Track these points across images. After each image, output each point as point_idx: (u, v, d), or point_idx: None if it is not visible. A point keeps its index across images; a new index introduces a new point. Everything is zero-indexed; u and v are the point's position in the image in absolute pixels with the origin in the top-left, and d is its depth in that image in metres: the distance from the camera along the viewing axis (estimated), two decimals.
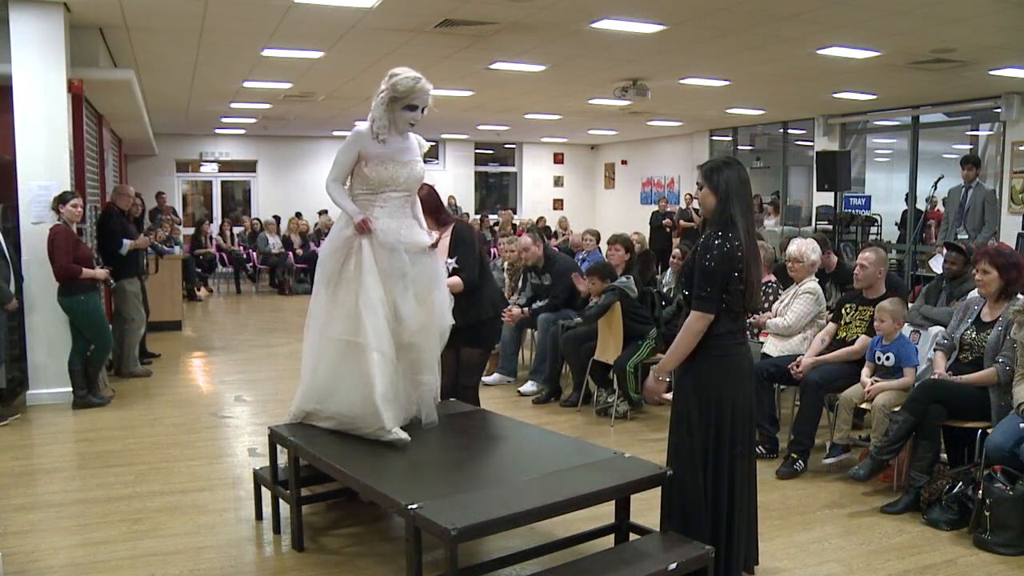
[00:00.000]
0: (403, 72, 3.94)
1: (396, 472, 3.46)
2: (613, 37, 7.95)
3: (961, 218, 9.25)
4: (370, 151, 3.99)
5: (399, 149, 4.04)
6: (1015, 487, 3.93)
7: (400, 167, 4.02)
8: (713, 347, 3.26)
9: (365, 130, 4.04)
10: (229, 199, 19.21)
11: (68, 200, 6.30)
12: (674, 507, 3.35)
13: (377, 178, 3.98)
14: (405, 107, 3.96)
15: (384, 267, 3.92)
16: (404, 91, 3.92)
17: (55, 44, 6.51)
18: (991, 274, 4.53)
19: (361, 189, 4.04)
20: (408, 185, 4.07)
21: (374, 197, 4.01)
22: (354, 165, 4.04)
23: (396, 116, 4.00)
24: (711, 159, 3.41)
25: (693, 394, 3.28)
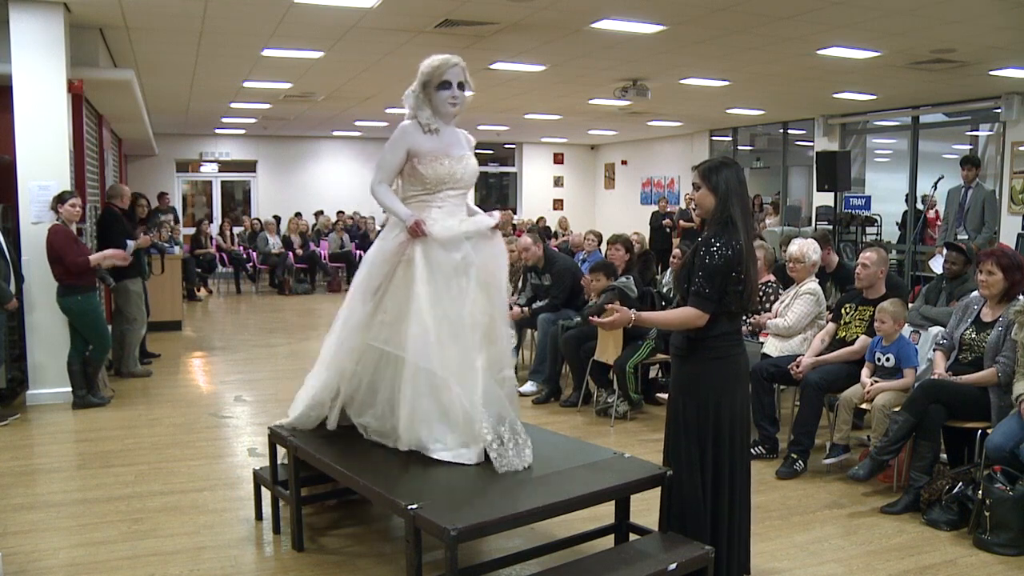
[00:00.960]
0: (433, 58, 3.74)
1: (396, 472, 3.46)
2: (613, 37, 7.96)
3: (961, 219, 9.25)
4: (421, 147, 3.68)
5: (450, 143, 3.75)
6: (1015, 487, 3.94)
7: (456, 162, 3.71)
8: (711, 348, 3.26)
9: (411, 126, 3.73)
10: (229, 199, 19.21)
11: (66, 200, 6.30)
12: (673, 508, 3.35)
13: (434, 176, 3.66)
14: (439, 88, 3.69)
15: (445, 268, 3.58)
16: (431, 71, 3.69)
17: (55, 44, 6.51)
18: (996, 275, 4.53)
19: (416, 190, 3.72)
20: (466, 182, 3.78)
21: (431, 198, 3.70)
22: (403, 165, 3.72)
23: (435, 101, 3.71)
24: (708, 159, 3.40)
25: (691, 396, 3.27)
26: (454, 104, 3.71)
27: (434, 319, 3.48)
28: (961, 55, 8.58)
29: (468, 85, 3.75)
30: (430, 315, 3.48)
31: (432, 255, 3.57)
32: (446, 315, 3.51)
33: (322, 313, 12.72)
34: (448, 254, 3.58)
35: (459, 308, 3.54)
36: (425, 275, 3.53)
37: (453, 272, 3.58)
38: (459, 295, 3.55)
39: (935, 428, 4.44)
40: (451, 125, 3.81)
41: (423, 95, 3.70)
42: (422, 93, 3.70)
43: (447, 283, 3.55)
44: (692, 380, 3.28)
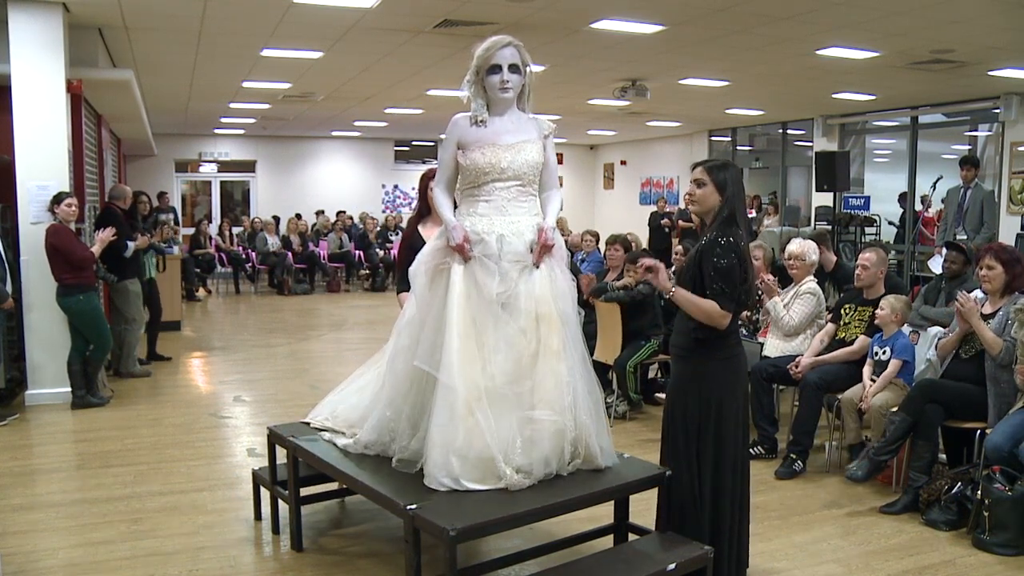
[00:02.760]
0: (481, 44, 3.44)
1: (395, 472, 3.46)
2: (612, 37, 7.96)
3: (960, 219, 9.25)
4: (467, 138, 3.42)
5: (501, 131, 3.41)
6: (1014, 487, 3.94)
7: (502, 151, 3.36)
8: (718, 349, 3.27)
9: (461, 119, 3.49)
10: (228, 199, 19.21)
11: (63, 200, 6.30)
12: (671, 508, 3.35)
13: (474, 167, 3.36)
14: (489, 73, 3.39)
15: (484, 293, 3.29)
16: (480, 57, 3.41)
17: (54, 44, 6.51)
18: (996, 269, 4.53)
19: (465, 183, 3.45)
20: (517, 172, 3.37)
21: (477, 191, 3.39)
22: (455, 161, 3.47)
23: (488, 88, 3.42)
24: (710, 159, 3.42)
25: (692, 395, 3.27)
26: (505, 90, 3.38)
27: (467, 340, 3.22)
28: (960, 55, 8.58)
29: (525, 65, 3.41)
30: (464, 335, 3.22)
31: (476, 274, 3.31)
32: (481, 338, 3.25)
33: (321, 313, 12.72)
34: (490, 279, 3.29)
35: (496, 338, 3.26)
36: (466, 293, 3.27)
37: (494, 301, 3.28)
38: (497, 326, 3.26)
39: (933, 428, 4.44)
40: (518, 111, 3.50)
41: (476, 83, 3.45)
42: (475, 81, 3.46)
43: (486, 310, 3.27)
44: (694, 380, 3.29)
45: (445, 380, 3.18)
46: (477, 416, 3.16)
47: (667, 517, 3.36)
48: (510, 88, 3.39)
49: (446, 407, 3.17)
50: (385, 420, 3.54)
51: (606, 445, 3.43)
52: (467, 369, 3.19)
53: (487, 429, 3.16)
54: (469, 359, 3.20)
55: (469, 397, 3.17)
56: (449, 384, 3.17)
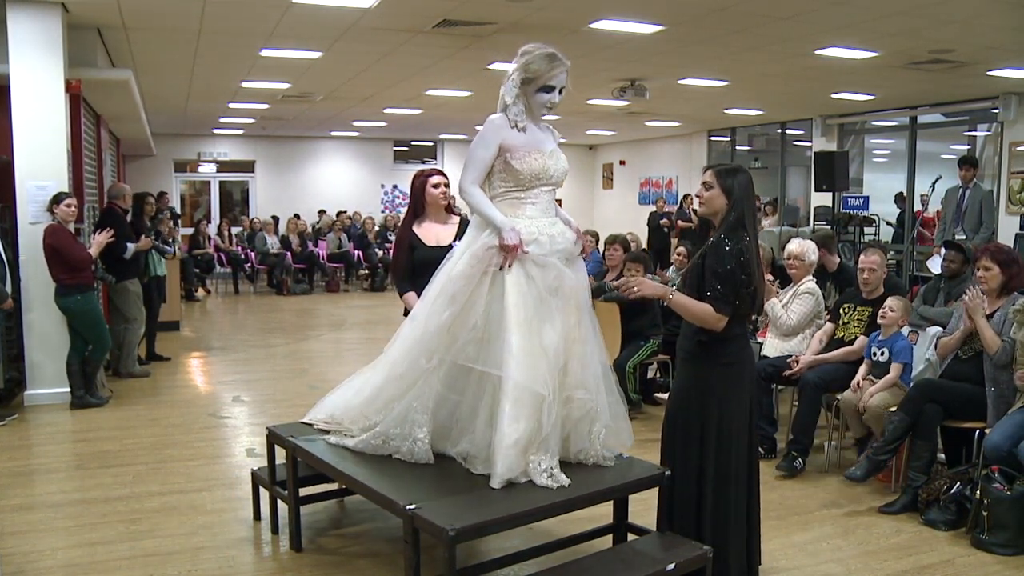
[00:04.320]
0: (535, 49, 3.40)
1: (394, 472, 3.46)
2: (612, 37, 7.96)
3: (959, 219, 9.26)
4: (513, 141, 3.42)
5: (541, 138, 3.49)
6: (1013, 487, 3.94)
7: (548, 158, 3.44)
8: (721, 355, 3.27)
9: (501, 120, 3.45)
10: (227, 199, 19.20)
11: (62, 200, 6.30)
12: (674, 509, 3.34)
13: (529, 171, 3.40)
14: (540, 89, 3.40)
15: (539, 284, 3.33)
16: (537, 71, 3.37)
17: (53, 44, 6.51)
18: (993, 270, 4.54)
19: (508, 186, 3.45)
20: (558, 179, 3.50)
21: (524, 194, 3.43)
22: (493, 161, 3.46)
23: (531, 100, 3.43)
24: (721, 163, 3.43)
25: (697, 399, 3.27)
26: (549, 110, 3.48)
27: (527, 337, 3.24)
28: (959, 55, 8.59)
29: (566, 88, 3.47)
30: (524, 333, 3.24)
31: (527, 270, 3.32)
32: (538, 334, 3.28)
33: (320, 313, 12.72)
34: (543, 271, 3.35)
35: (547, 331, 3.31)
36: (521, 290, 3.29)
37: (545, 297, 3.34)
38: (550, 314, 3.33)
39: (932, 428, 4.44)
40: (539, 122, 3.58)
41: (520, 91, 3.42)
42: (520, 89, 3.42)
43: (538, 308, 3.31)
44: (697, 384, 3.29)
45: (517, 379, 3.19)
46: (544, 411, 3.22)
47: (668, 518, 3.36)
48: (552, 109, 3.48)
49: (518, 405, 3.19)
50: (411, 411, 3.52)
51: (626, 425, 3.58)
52: (534, 366, 3.22)
53: (551, 423, 3.24)
54: (534, 356, 3.24)
55: (541, 394, 3.21)
56: (521, 383, 3.18)
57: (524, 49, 3.43)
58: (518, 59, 3.42)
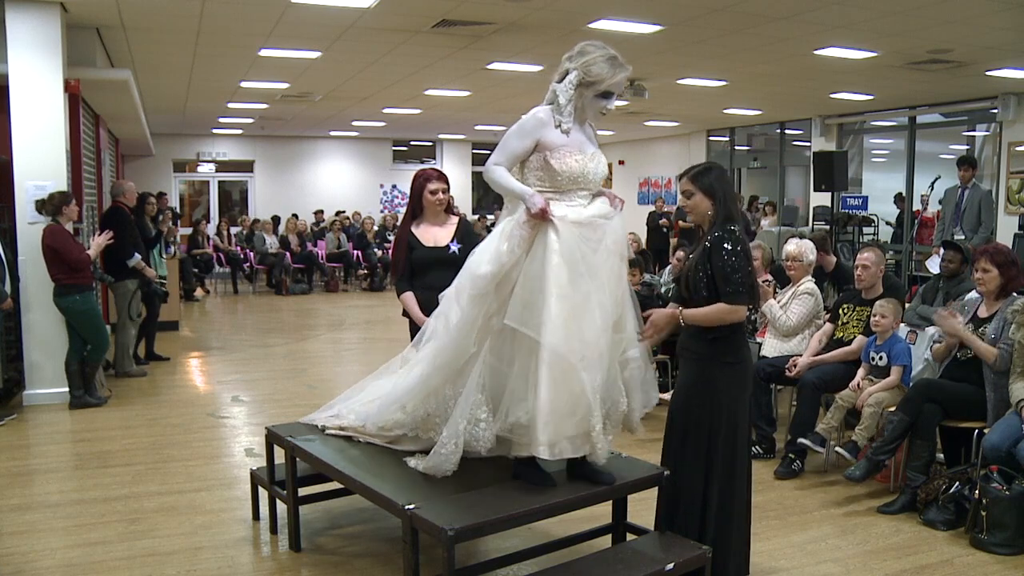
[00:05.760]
0: (595, 51, 3.20)
1: (393, 472, 3.46)
2: (611, 37, 7.93)
3: (958, 219, 9.27)
4: (553, 139, 3.23)
5: (582, 139, 3.30)
6: (1011, 487, 3.94)
7: (588, 160, 3.26)
8: (727, 353, 3.28)
9: (546, 116, 3.25)
10: (226, 199, 19.20)
11: (69, 202, 6.30)
12: (677, 508, 3.34)
13: (568, 172, 3.21)
14: (600, 95, 3.24)
15: (577, 248, 3.13)
16: (599, 75, 3.18)
17: (52, 44, 6.50)
18: (991, 272, 4.54)
19: (544, 186, 3.24)
20: (596, 183, 3.31)
21: (559, 196, 3.23)
22: (526, 155, 3.27)
23: (585, 103, 3.26)
24: (691, 166, 3.40)
25: (703, 398, 3.27)
26: (603, 115, 3.35)
27: (566, 300, 3.08)
28: (958, 55, 8.60)
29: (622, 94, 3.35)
30: (563, 296, 3.07)
31: (564, 234, 3.13)
32: (578, 296, 3.10)
33: (319, 313, 12.72)
34: (580, 232, 3.15)
35: (591, 289, 3.13)
36: (558, 254, 3.10)
37: (587, 252, 3.15)
38: (591, 276, 3.13)
39: (931, 428, 4.45)
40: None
41: (576, 93, 3.23)
42: (575, 91, 3.22)
43: (580, 263, 3.12)
44: (707, 382, 3.28)
45: (554, 345, 3.03)
46: (582, 376, 3.06)
47: (669, 518, 3.35)
48: (606, 115, 3.36)
49: (556, 372, 3.04)
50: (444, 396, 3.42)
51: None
52: (575, 332, 3.06)
53: (591, 388, 3.08)
54: (576, 320, 3.08)
55: (575, 359, 3.05)
56: (558, 349, 3.03)
57: (583, 48, 3.23)
58: (576, 57, 3.22)
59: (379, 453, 3.70)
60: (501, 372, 3.25)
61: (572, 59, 3.23)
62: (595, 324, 3.10)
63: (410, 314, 4.47)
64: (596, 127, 3.46)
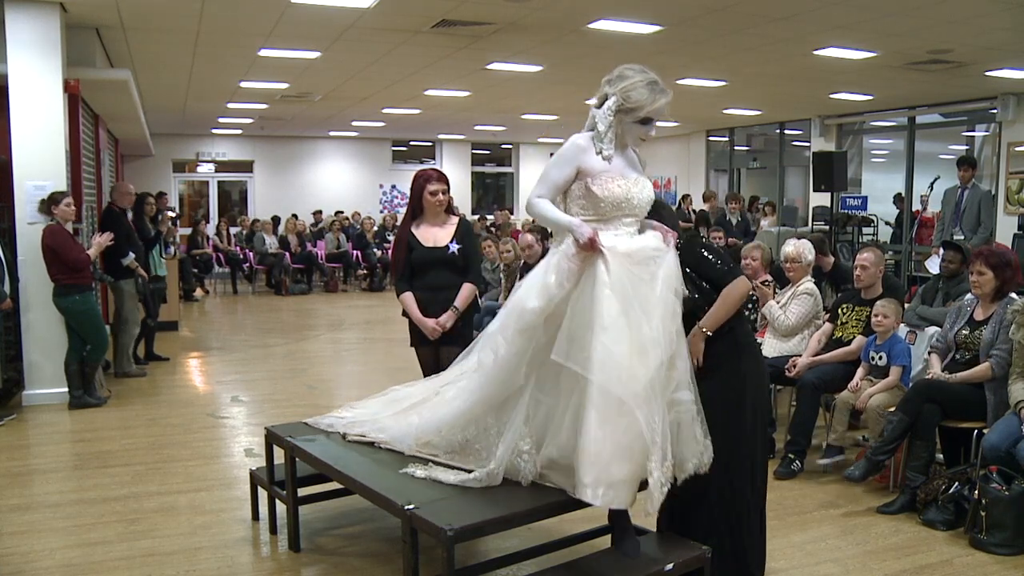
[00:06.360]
0: (633, 75, 3.18)
1: (393, 472, 3.45)
2: (610, 37, 7.96)
3: (957, 219, 9.27)
4: (594, 166, 3.13)
5: (623, 164, 3.21)
6: (1011, 487, 3.94)
7: (632, 185, 3.15)
8: (740, 334, 3.30)
9: (585, 142, 3.17)
10: (226, 199, 19.20)
11: (59, 200, 6.30)
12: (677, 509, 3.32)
13: (611, 199, 3.09)
14: (638, 121, 3.18)
15: (629, 282, 2.99)
16: (639, 101, 3.15)
17: (51, 44, 6.50)
18: (987, 275, 4.55)
19: (587, 214, 3.12)
20: (642, 208, 3.18)
21: (604, 225, 3.10)
22: (569, 183, 3.16)
23: (626, 129, 3.20)
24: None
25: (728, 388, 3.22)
26: (644, 141, 3.29)
27: (616, 335, 2.93)
28: (957, 56, 8.60)
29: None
30: (613, 331, 2.92)
31: (613, 266, 3.00)
32: (629, 331, 2.94)
33: (319, 313, 12.72)
34: (631, 265, 3.03)
35: (643, 324, 2.97)
36: (609, 289, 2.96)
37: (639, 285, 3.01)
38: (643, 311, 2.98)
39: (930, 428, 4.45)
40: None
41: (615, 119, 3.17)
42: (615, 117, 3.16)
43: (632, 299, 2.98)
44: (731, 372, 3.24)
45: (602, 383, 2.88)
46: (636, 414, 2.87)
47: (681, 517, 3.32)
48: (646, 141, 3.29)
49: (605, 411, 2.88)
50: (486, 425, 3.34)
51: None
52: (625, 369, 2.90)
53: (648, 427, 2.88)
54: (626, 357, 2.92)
55: (630, 398, 2.88)
56: (607, 387, 2.87)
57: (622, 72, 3.18)
58: (615, 82, 3.17)
59: (378, 453, 3.70)
60: (546, 406, 3.15)
61: (611, 83, 3.17)
62: (648, 361, 2.93)
63: (409, 314, 4.48)
64: (640, 152, 3.36)
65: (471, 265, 4.55)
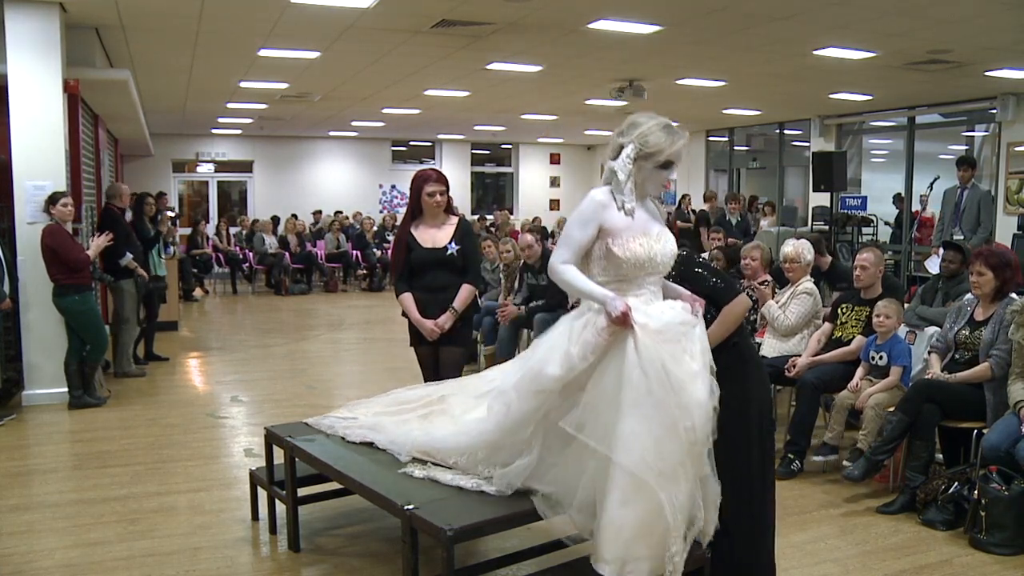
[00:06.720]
0: (647, 121, 3.06)
1: (393, 472, 3.46)
2: (610, 38, 7.96)
3: (957, 219, 9.28)
4: (615, 223, 2.99)
5: (645, 219, 3.07)
6: (1011, 487, 3.95)
7: (654, 242, 3.01)
8: (749, 359, 3.29)
9: (605, 197, 3.03)
10: (226, 199, 19.20)
11: (58, 200, 6.30)
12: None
13: (633, 259, 2.96)
14: (660, 166, 3.05)
15: (659, 359, 2.85)
16: (658, 146, 3.01)
17: (51, 44, 6.50)
18: (986, 275, 4.56)
19: (607, 276, 3.01)
20: (665, 264, 3.06)
21: (626, 285, 3.00)
22: (591, 244, 3.02)
23: (646, 177, 3.06)
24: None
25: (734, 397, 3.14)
26: (666, 188, 3.20)
27: (644, 418, 2.83)
28: (957, 56, 8.60)
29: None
30: (641, 412, 2.82)
31: (646, 346, 2.87)
32: (660, 415, 2.84)
33: (319, 313, 12.72)
34: (663, 344, 2.90)
35: (673, 407, 2.85)
36: (639, 370, 2.85)
37: (670, 364, 2.88)
38: (675, 391, 2.86)
39: (930, 428, 4.45)
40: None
41: (634, 167, 3.03)
42: (633, 165, 3.03)
43: (664, 378, 2.85)
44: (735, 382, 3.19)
45: (626, 465, 2.80)
46: (659, 496, 2.79)
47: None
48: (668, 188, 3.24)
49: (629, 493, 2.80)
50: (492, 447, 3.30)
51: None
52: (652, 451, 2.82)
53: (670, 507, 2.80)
54: (655, 439, 2.83)
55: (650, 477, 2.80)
56: (632, 470, 2.79)
57: (633, 120, 3.08)
58: (629, 131, 3.06)
59: (378, 453, 3.70)
60: (546, 463, 3.12)
61: (624, 134, 3.07)
62: (678, 443, 2.83)
63: (408, 315, 4.47)
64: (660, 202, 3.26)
65: (470, 266, 4.54)
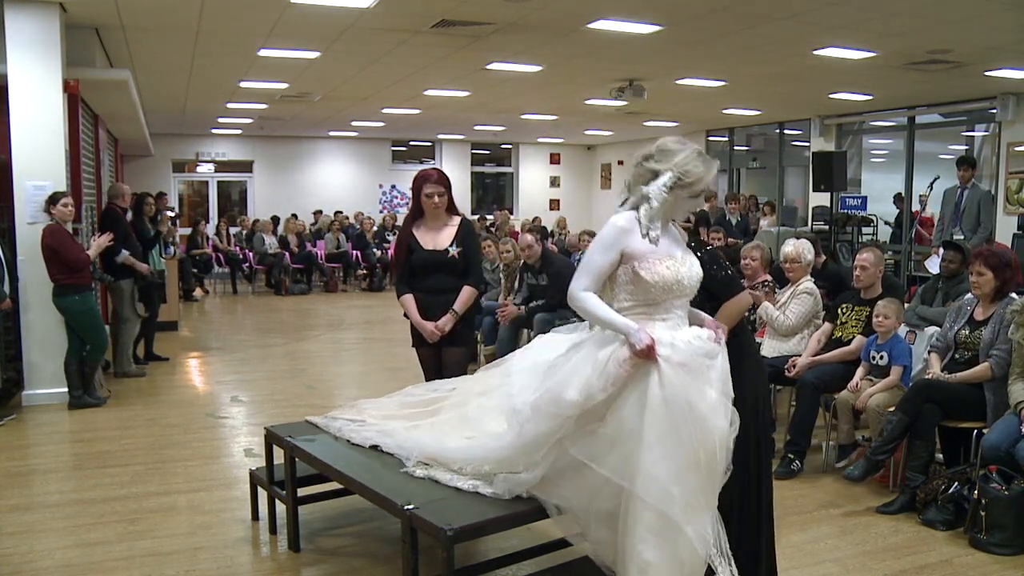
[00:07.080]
0: (682, 148, 2.98)
1: (393, 472, 3.46)
2: (610, 37, 7.96)
3: (957, 219, 9.27)
4: (639, 248, 2.95)
5: (669, 243, 3.02)
6: (1011, 487, 3.95)
7: (680, 266, 2.97)
8: (749, 354, 3.28)
9: (628, 223, 2.99)
10: (225, 199, 19.20)
11: (58, 200, 6.30)
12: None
13: (661, 283, 2.92)
14: (693, 195, 3.00)
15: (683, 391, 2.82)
16: (697, 176, 2.95)
17: (51, 44, 6.50)
18: (986, 275, 4.56)
19: (633, 301, 2.97)
20: (692, 289, 3.02)
21: (652, 309, 2.96)
22: (613, 270, 2.99)
23: (675, 203, 3.00)
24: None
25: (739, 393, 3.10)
26: (693, 214, 3.21)
27: (667, 452, 2.79)
28: (957, 55, 8.60)
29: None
30: (663, 445, 2.78)
31: (670, 379, 2.83)
32: (683, 447, 2.80)
33: (319, 313, 12.72)
34: (686, 376, 2.85)
35: (695, 439, 2.82)
36: (662, 404, 2.81)
37: (694, 397, 2.84)
38: (697, 423, 2.82)
39: (930, 428, 4.45)
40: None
41: (669, 195, 2.96)
42: (669, 193, 2.96)
43: (687, 411, 2.82)
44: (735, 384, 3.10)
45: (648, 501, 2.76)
46: (687, 531, 2.77)
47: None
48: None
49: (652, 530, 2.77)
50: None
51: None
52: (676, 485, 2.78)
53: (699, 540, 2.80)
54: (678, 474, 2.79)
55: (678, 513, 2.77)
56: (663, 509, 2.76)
57: (667, 147, 2.99)
58: (663, 158, 2.97)
59: (378, 453, 3.70)
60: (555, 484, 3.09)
61: (656, 159, 2.98)
62: (699, 473, 2.81)
63: (409, 316, 4.47)
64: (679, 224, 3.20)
65: (472, 267, 4.52)
